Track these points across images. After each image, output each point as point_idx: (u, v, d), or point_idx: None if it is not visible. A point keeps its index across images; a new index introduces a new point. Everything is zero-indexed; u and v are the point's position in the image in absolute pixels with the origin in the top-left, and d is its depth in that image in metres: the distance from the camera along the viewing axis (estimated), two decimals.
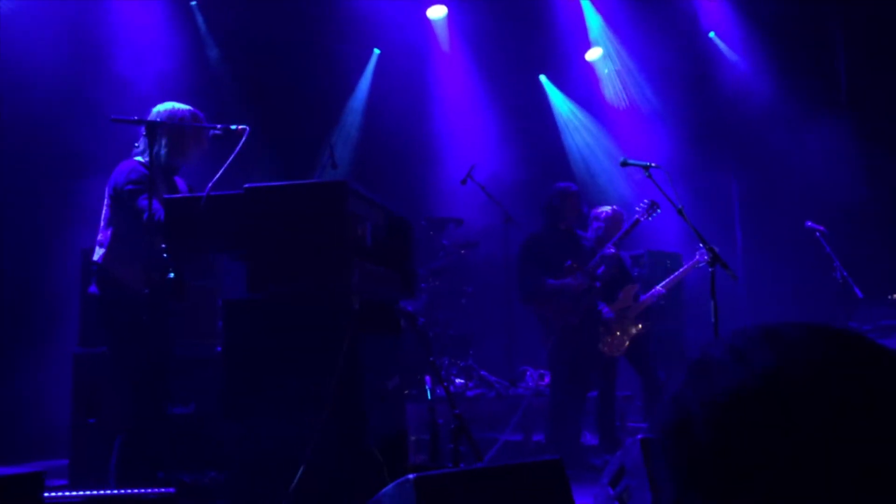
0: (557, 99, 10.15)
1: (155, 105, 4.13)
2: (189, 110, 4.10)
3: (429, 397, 5.31)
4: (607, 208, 6.39)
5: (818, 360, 0.75)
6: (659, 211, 5.85)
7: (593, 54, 9.88)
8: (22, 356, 6.22)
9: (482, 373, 7.20)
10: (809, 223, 6.54)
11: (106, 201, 3.96)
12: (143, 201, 3.71)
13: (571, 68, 9.99)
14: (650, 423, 6.10)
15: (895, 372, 0.74)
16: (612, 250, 5.83)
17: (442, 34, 9.52)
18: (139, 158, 4.03)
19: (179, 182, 4.25)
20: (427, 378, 6.18)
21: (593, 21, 9.62)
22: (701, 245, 4.79)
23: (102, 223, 3.96)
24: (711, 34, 9.59)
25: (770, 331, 0.79)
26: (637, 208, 5.97)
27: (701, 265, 5.85)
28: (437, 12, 9.36)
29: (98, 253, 3.89)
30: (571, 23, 9.61)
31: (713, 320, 4.45)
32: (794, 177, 8.38)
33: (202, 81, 7.63)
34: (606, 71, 9.93)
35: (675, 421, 0.78)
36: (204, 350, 5.00)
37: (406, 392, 5.57)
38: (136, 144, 4.08)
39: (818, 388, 0.72)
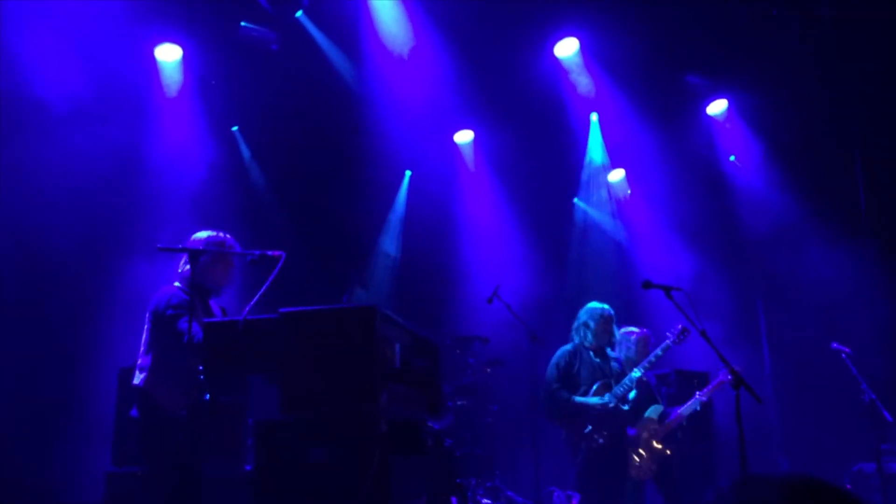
0: (592, 218, 10.35)
1: (195, 233, 4.36)
2: (226, 237, 4.33)
3: None
4: (636, 329, 6.46)
5: None
6: (689, 335, 5.90)
7: (615, 176, 10.17)
8: (56, 472, 6.28)
9: (509, 493, 7.12)
10: (835, 344, 6.55)
11: (146, 326, 4.14)
12: (183, 324, 3.88)
13: (594, 191, 10.27)
14: None
15: None
16: (640, 374, 5.87)
17: (468, 157, 9.90)
18: (177, 284, 4.23)
19: (214, 305, 4.43)
20: (454, 499, 6.14)
21: (596, 144, 9.94)
22: (723, 367, 4.83)
23: (143, 348, 4.12)
24: (732, 158, 9.85)
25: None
26: (668, 333, 6.04)
27: (725, 384, 5.86)
28: (463, 137, 9.76)
29: (139, 377, 4.04)
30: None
31: (739, 442, 4.44)
32: (819, 298, 8.42)
33: (240, 206, 7.95)
34: (628, 192, 10.19)
35: None
36: (232, 468, 5.04)
37: None
38: (178, 271, 4.29)
39: None
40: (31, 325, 6.47)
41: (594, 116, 9.75)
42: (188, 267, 4.06)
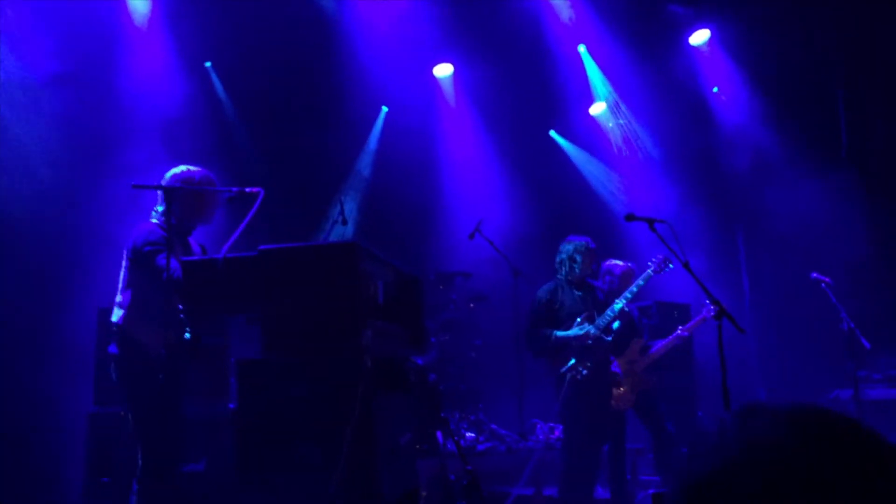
0: (570, 150, 10.30)
1: (169, 168, 4.25)
2: (202, 173, 4.22)
3: (440, 453, 5.34)
4: (620, 262, 6.45)
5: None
6: (671, 266, 5.90)
7: (597, 109, 10.07)
8: (36, 414, 6.27)
9: (492, 426, 7.21)
10: (815, 274, 6.59)
11: (124, 263, 4.06)
12: (161, 260, 3.81)
13: (577, 122, 10.18)
14: (662, 478, 6.09)
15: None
16: (622, 304, 5.88)
17: (448, 91, 9.74)
18: (155, 220, 4.14)
19: (193, 243, 4.35)
20: (438, 433, 6.20)
21: (595, 76, 9.82)
22: (707, 300, 4.84)
23: (121, 285, 4.05)
24: (714, 89, 9.77)
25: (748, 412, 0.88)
26: (650, 262, 6.02)
27: (707, 320, 5.89)
28: (443, 70, 9.59)
29: (118, 314, 3.98)
30: (576, 77, 9.83)
31: (721, 373, 4.48)
32: (799, 229, 8.46)
33: (215, 142, 7.80)
34: (611, 125, 10.10)
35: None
36: (215, 408, 5.04)
37: (417, 447, 5.59)
38: (156, 208, 4.19)
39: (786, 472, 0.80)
40: (6, 266, 6.37)
41: (582, 48, 9.59)
42: (165, 204, 3.97)
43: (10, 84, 6.58)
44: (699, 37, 9.32)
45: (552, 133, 10.32)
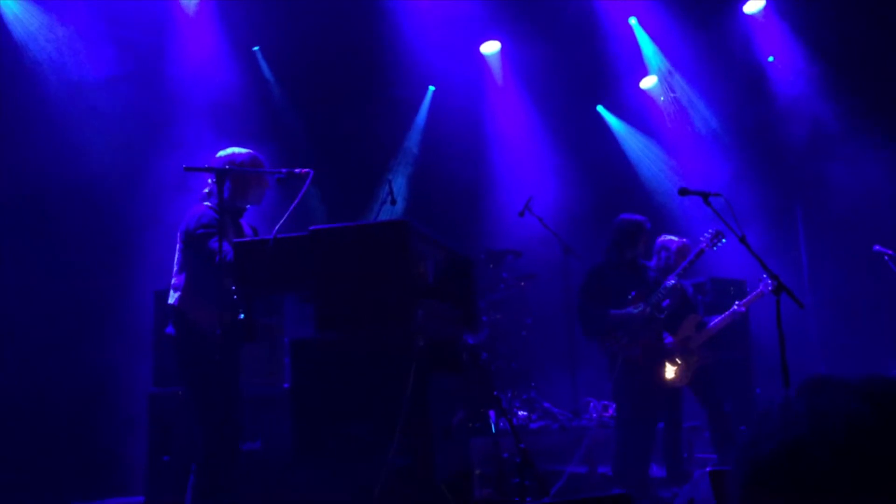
0: (619, 127, 10.14)
1: (219, 151, 4.29)
2: (250, 154, 4.25)
3: (493, 431, 5.34)
4: (675, 238, 6.33)
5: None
6: (724, 241, 5.77)
7: (649, 82, 9.87)
8: (99, 395, 6.43)
9: (545, 405, 7.18)
10: (878, 247, 6.39)
11: (178, 246, 4.12)
12: (213, 244, 3.85)
13: (627, 97, 10.00)
14: (719, 456, 5.99)
15: None
16: (673, 281, 5.78)
17: (496, 69, 9.65)
18: (207, 203, 4.19)
19: (245, 225, 4.39)
20: (491, 412, 6.20)
21: (648, 48, 9.63)
22: (765, 274, 4.73)
23: (176, 267, 4.11)
24: (770, 58, 9.50)
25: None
26: (702, 238, 5.90)
27: (765, 294, 5.75)
28: (490, 48, 9.49)
29: (173, 296, 4.05)
30: (626, 51, 9.64)
31: (780, 350, 4.38)
32: (860, 202, 8.21)
33: (264, 124, 7.87)
34: (663, 98, 9.91)
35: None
36: (270, 387, 5.11)
37: (470, 426, 5.59)
38: (206, 190, 4.24)
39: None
40: (69, 252, 6.53)
41: (633, 20, 9.40)
42: (216, 186, 4.01)
43: (69, 81, 6.74)
44: (754, 4, 9.06)
45: (599, 108, 10.16)
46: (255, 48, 8.51)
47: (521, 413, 6.95)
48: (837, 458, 0.77)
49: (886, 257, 6.30)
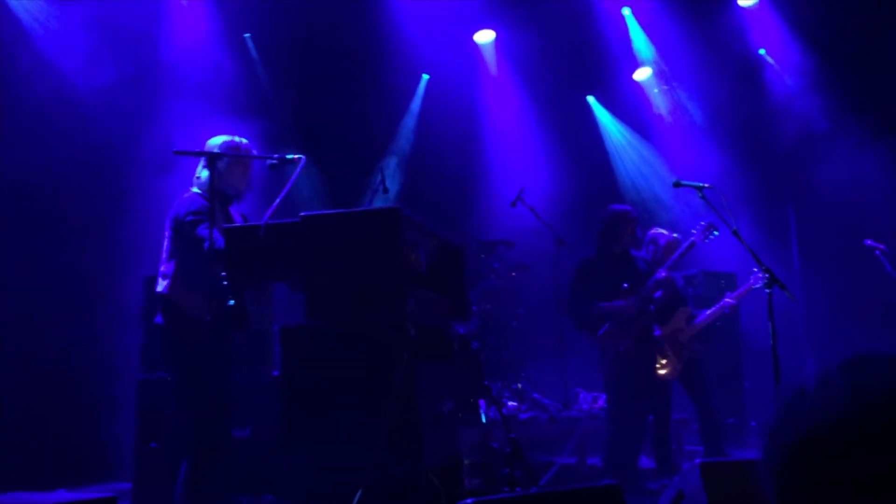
0: (606, 120, 10.13)
1: (211, 137, 4.25)
2: (242, 142, 4.21)
3: (483, 421, 5.33)
4: (665, 232, 6.32)
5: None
6: (716, 233, 5.76)
7: (642, 74, 9.85)
8: (87, 381, 6.40)
9: (535, 395, 7.18)
10: (869, 241, 6.40)
11: (167, 233, 4.08)
12: (203, 230, 3.82)
13: (621, 88, 9.98)
14: (707, 448, 6.00)
15: None
16: (665, 274, 5.78)
17: (490, 58, 9.60)
18: (197, 190, 4.15)
19: (234, 212, 4.35)
20: (481, 402, 6.19)
21: (640, 40, 9.60)
22: (756, 267, 4.73)
23: (164, 255, 4.07)
24: (762, 51, 9.49)
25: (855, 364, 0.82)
26: (693, 230, 5.89)
27: (756, 288, 5.76)
28: (484, 37, 9.45)
29: (162, 284, 4.01)
30: (619, 43, 9.62)
31: (771, 342, 4.38)
32: (852, 196, 8.22)
33: (256, 112, 7.81)
34: (656, 90, 9.89)
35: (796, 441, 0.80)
36: (259, 375, 5.09)
37: (459, 415, 5.59)
38: (197, 176, 4.20)
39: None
40: (58, 237, 6.48)
41: (627, 11, 9.38)
42: (206, 172, 3.97)
43: (57, 64, 6.66)
44: None
45: (590, 100, 10.12)
46: (247, 35, 8.43)
47: (510, 403, 6.94)
48: (879, 435, 0.74)
49: (878, 252, 6.31)
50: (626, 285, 5.78)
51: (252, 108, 7.83)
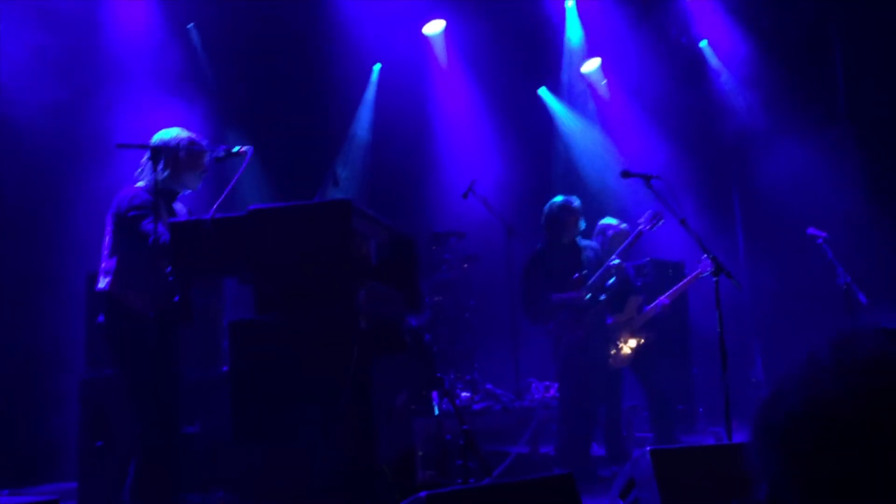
0: (558, 109, 10.18)
1: (156, 132, 4.14)
2: (189, 136, 4.11)
3: (436, 413, 5.32)
4: (615, 223, 6.39)
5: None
6: (662, 221, 5.85)
7: (590, 66, 9.92)
8: (30, 381, 6.23)
9: (488, 386, 7.19)
10: (811, 230, 6.54)
11: (109, 228, 3.96)
12: (147, 225, 3.72)
13: (570, 79, 10.04)
14: (656, 434, 6.09)
15: None
16: (617, 262, 5.84)
17: (440, 49, 9.57)
18: (140, 184, 4.05)
19: (178, 206, 4.25)
20: (433, 393, 6.19)
21: (575, 33, 9.68)
22: (704, 255, 4.81)
23: (106, 251, 3.95)
24: (703, 43, 9.63)
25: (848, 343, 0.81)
26: (640, 219, 5.97)
27: (705, 275, 5.86)
28: (434, 28, 9.40)
29: (104, 281, 3.90)
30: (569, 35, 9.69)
31: (719, 330, 4.46)
32: (795, 184, 8.39)
33: (201, 106, 7.65)
34: (604, 82, 9.97)
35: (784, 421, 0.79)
36: (208, 370, 5.01)
37: (412, 408, 5.57)
38: (139, 171, 4.10)
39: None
40: None
41: (570, 2, 9.43)
42: (150, 166, 3.87)
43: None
44: None
45: (542, 91, 10.17)
46: (190, 25, 8.25)
47: (463, 394, 6.95)
48: (863, 413, 0.74)
49: (820, 240, 6.45)
50: (576, 275, 5.83)
51: (197, 99, 7.67)
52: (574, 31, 9.63)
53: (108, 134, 6.30)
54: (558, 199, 6.09)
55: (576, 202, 6.03)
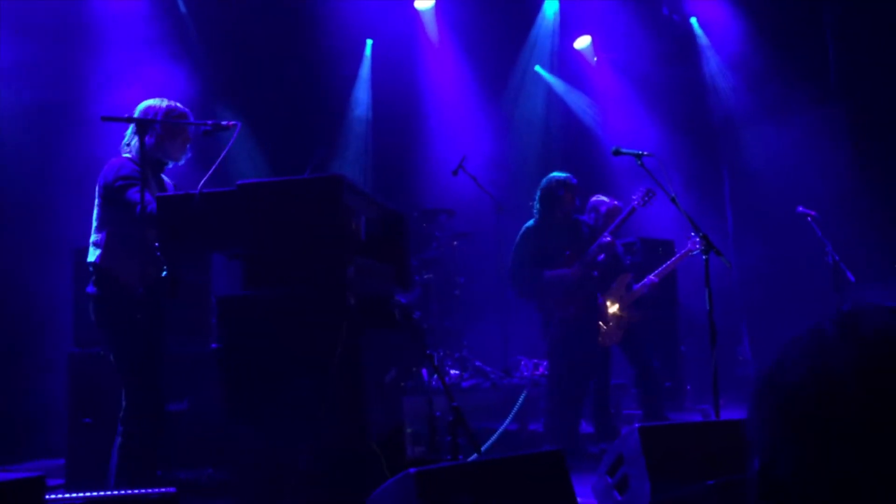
0: (556, 84, 10.11)
1: (141, 101, 4.08)
2: (175, 106, 4.06)
3: (426, 390, 5.34)
4: (606, 199, 6.37)
5: None
6: (654, 196, 5.84)
7: (582, 42, 9.87)
8: (17, 356, 6.19)
9: (477, 363, 7.21)
10: (801, 208, 6.56)
11: (97, 201, 3.92)
12: (134, 195, 3.68)
13: (562, 55, 9.98)
14: (645, 411, 6.12)
15: None
16: (609, 238, 5.83)
17: (430, 25, 9.48)
18: (127, 155, 4.00)
19: (166, 179, 4.21)
20: (423, 370, 6.20)
21: (550, 9, 9.63)
22: (693, 233, 4.80)
23: (96, 223, 3.91)
24: (693, 20, 9.58)
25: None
26: (633, 196, 5.96)
27: (694, 253, 5.86)
28: (424, 3, 9.32)
29: (94, 254, 3.86)
30: (562, 9, 9.62)
31: (708, 307, 4.47)
32: (785, 163, 8.41)
33: (191, 81, 7.56)
34: (595, 59, 9.92)
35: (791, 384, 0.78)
36: (196, 346, 4.99)
37: (402, 384, 5.57)
38: (126, 143, 4.05)
39: None
40: None
41: None
42: (136, 138, 3.82)
43: None
44: None
45: (537, 68, 10.11)
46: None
47: (453, 371, 6.96)
48: (868, 383, 0.73)
49: (809, 218, 6.47)
50: (568, 252, 5.82)
51: (188, 72, 7.57)
52: (550, 5, 9.57)
53: (94, 105, 6.22)
54: (554, 174, 6.06)
55: (572, 180, 6.00)
